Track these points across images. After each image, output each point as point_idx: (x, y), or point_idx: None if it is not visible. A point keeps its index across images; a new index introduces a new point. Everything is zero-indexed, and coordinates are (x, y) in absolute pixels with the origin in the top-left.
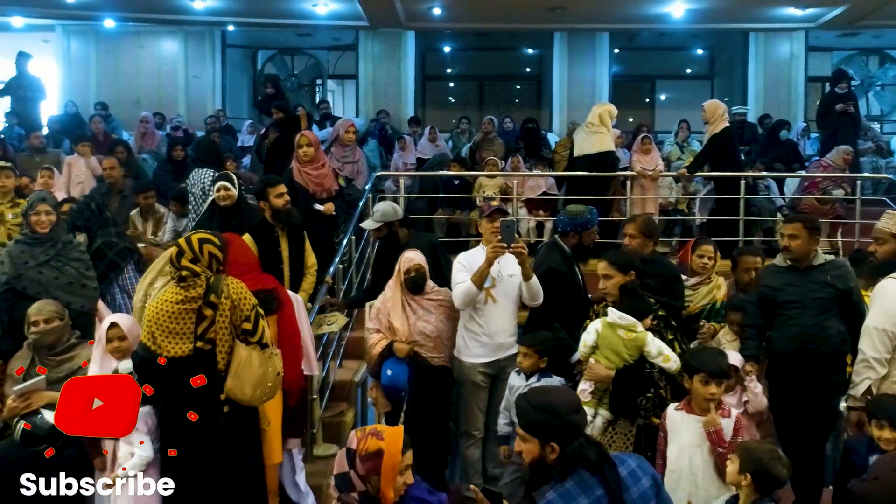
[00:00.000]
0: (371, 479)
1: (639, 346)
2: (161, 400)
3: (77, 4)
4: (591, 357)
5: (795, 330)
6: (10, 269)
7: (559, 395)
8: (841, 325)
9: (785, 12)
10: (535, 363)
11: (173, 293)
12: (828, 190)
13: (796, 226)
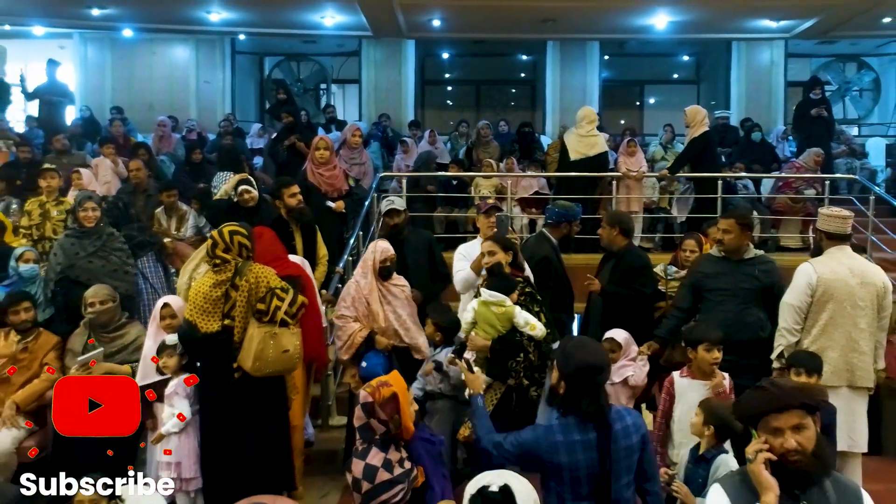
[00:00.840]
0: (393, 419)
1: (509, 318)
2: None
3: (101, 16)
4: (472, 331)
5: (720, 315)
6: (63, 260)
7: (585, 349)
8: (762, 315)
9: (761, 24)
10: (433, 332)
11: (208, 277)
12: (800, 189)
13: (730, 221)
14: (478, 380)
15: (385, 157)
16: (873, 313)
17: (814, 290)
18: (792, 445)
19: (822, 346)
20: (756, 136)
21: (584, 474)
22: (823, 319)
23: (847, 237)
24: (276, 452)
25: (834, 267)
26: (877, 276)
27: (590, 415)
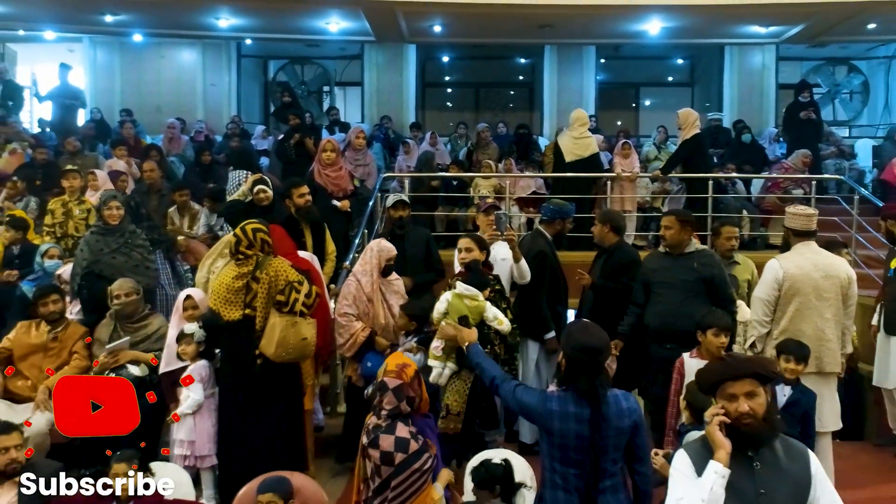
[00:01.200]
0: (418, 393)
1: (480, 312)
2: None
3: (114, 22)
4: (443, 321)
5: (662, 307)
6: (88, 256)
7: (589, 333)
8: (703, 306)
9: (751, 29)
10: (406, 324)
11: (231, 269)
12: (788, 189)
13: (670, 219)
14: (472, 332)
15: (387, 158)
16: (838, 303)
17: (780, 285)
18: (745, 409)
19: (794, 334)
20: (746, 137)
21: (572, 444)
22: (791, 311)
23: (812, 233)
24: (291, 434)
25: (799, 262)
26: (840, 268)
27: (584, 392)
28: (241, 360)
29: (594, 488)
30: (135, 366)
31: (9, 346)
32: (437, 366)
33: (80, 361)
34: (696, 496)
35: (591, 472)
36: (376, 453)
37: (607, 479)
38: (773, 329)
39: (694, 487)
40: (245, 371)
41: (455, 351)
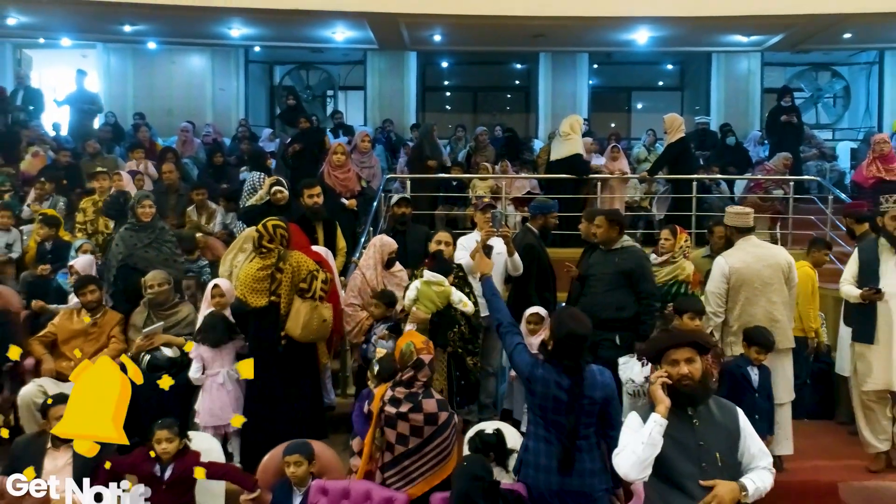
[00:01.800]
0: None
1: (447, 296)
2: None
3: (132, 32)
4: (414, 306)
5: (590, 297)
6: (123, 250)
7: (576, 321)
8: (625, 297)
9: (734, 38)
10: (383, 311)
11: (256, 262)
12: (769, 189)
13: (601, 219)
14: (489, 263)
15: (389, 160)
16: (783, 288)
17: (728, 278)
18: (685, 372)
19: (744, 322)
20: (731, 140)
21: (551, 406)
22: (742, 300)
23: (751, 229)
24: (310, 407)
25: (742, 256)
26: (779, 256)
27: (567, 368)
28: (268, 341)
29: (572, 445)
30: (168, 348)
31: (53, 330)
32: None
33: (118, 345)
34: (638, 440)
35: (570, 432)
36: (419, 416)
37: (582, 439)
38: (729, 318)
39: (637, 435)
40: (270, 351)
41: (427, 333)
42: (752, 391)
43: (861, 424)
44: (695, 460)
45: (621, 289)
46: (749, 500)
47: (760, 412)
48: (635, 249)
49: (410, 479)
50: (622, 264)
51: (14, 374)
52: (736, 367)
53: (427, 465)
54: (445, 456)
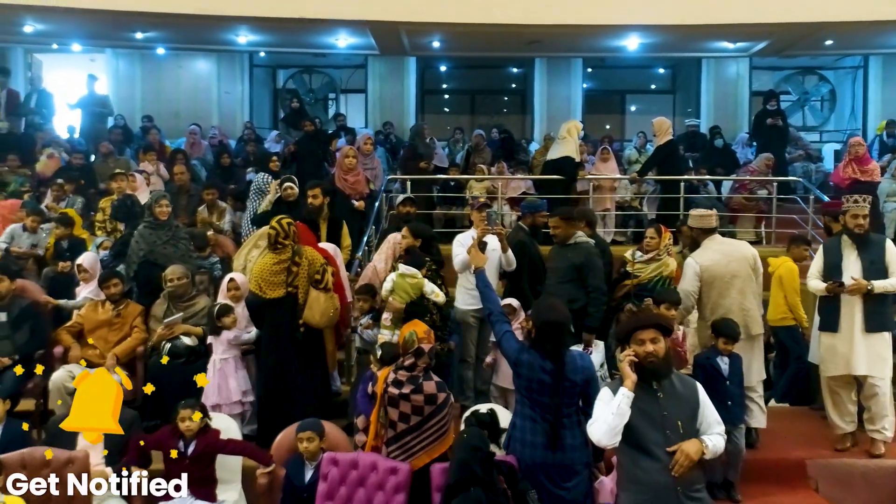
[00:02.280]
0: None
1: (420, 287)
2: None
3: (143, 38)
4: (390, 297)
5: (546, 289)
6: (144, 247)
7: (554, 310)
8: (576, 290)
9: (721, 44)
10: (369, 303)
11: (272, 258)
12: (753, 190)
13: (555, 219)
14: (482, 257)
15: (389, 162)
16: (750, 278)
17: (700, 276)
18: (650, 350)
19: (719, 314)
20: (718, 142)
21: (536, 388)
22: (714, 295)
23: (714, 229)
24: (320, 390)
25: (709, 255)
26: (744, 250)
27: (548, 352)
28: (285, 328)
29: (556, 423)
30: (187, 337)
31: (80, 321)
32: (387, 334)
33: (140, 334)
34: (608, 411)
35: (554, 411)
36: (419, 397)
37: (565, 417)
38: (704, 312)
39: (608, 406)
40: (287, 338)
41: (401, 322)
42: (722, 379)
43: (829, 408)
44: (659, 428)
45: (573, 282)
46: (707, 456)
47: (733, 398)
48: (587, 245)
49: (412, 453)
50: (573, 259)
51: (45, 361)
52: (705, 359)
53: (427, 440)
54: (444, 432)
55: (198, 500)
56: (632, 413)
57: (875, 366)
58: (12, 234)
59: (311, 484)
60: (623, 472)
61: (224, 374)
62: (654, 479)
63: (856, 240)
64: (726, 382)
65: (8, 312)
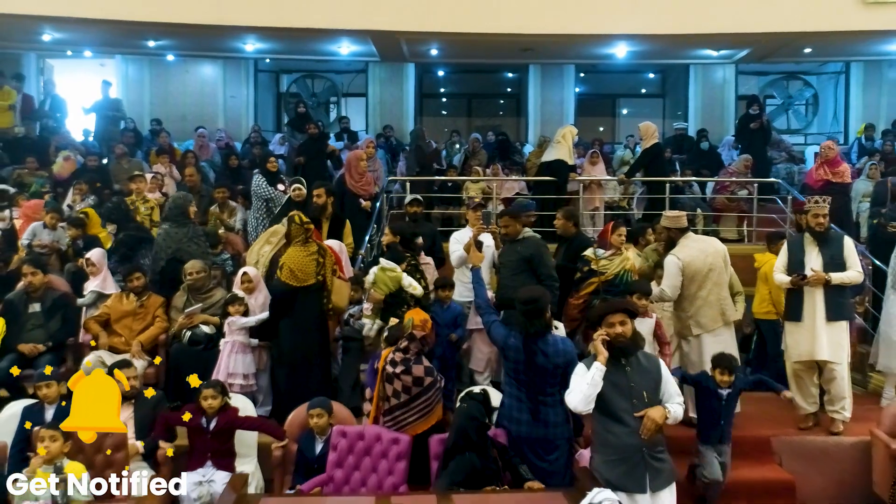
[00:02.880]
0: (432, 340)
1: (398, 280)
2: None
3: (155, 46)
4: (371, 289)
5: (500, 281)
6: (172, 244)
7: (528, 290)
8: (527, 280)
9: (705, 52)
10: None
11: (303, 250)
12: (734, 191)
13: (505, 219)
14: (479, 256)
15: (389, 163)
16: (723, 271)
17: (683, 271)
18: (619, 331)
19: (701, 304)
20: (704, 145)
21: (522, 368)
22: (694, 287)
23: (687, 228)
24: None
25: (688, 252)
26: (717, 245)
27: (530, 335)
28: (312, 313)
29: (536, 401)
30: (205, 326)
31: (106, 311)
32: (368, 323)
33: (162, 323)
34: (584, 382)
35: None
36: (409, 378)
37: (548, 396)
38: (685, 304)
39: (583, 378)
40: (312, 321)
41: (381, 311)
42: (717, 399)
43: (793, 390)
44: (627, 398)
45: (524, 273)
46: (669, 421)
47: (726, 419)
48: (534, 239)
49: (401, 426)
50: (523, 252)
51: (75, 348)
52: (704, 378)
53: (414, 416)
54: (429, 410)
55: (219, 471)
56: (604, 384)
57: (835, 352)
58: (34, 231)
59: (321, 456)
60: (596, 437)
61: (234, 355)
62: (624, 442)
63: (816, 237)
64: (721, 403)
65: (41, 303)
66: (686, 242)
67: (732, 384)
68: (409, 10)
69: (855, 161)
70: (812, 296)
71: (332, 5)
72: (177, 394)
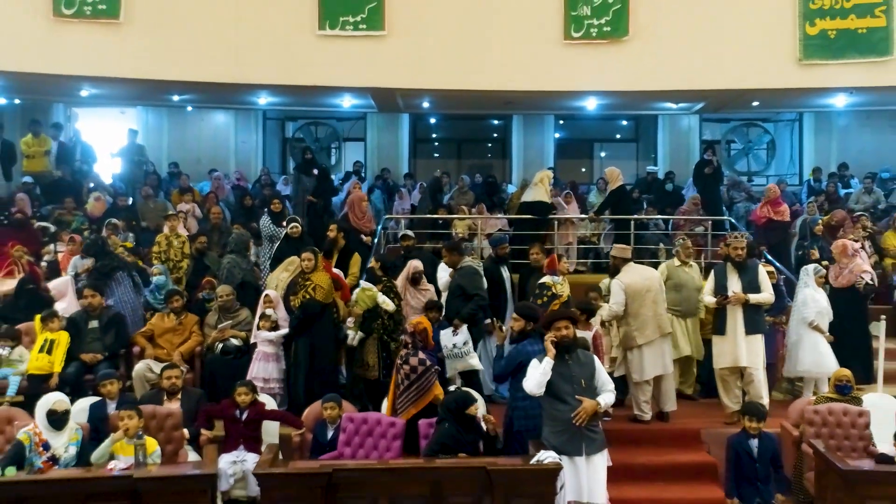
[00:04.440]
0: (427, 340)
1: (374, 298)
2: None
3: (179, 101)
4: (353, 306)
5: (446, 304)
6: (240, 272)
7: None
8: (460, 303)
9: (665, 105)
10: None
11: (324, 276)
12: (691, 228)
13: (445, 252)
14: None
15: (386, 202)
16: (659, 291)
17: (626, 293)
18: (563, 333)
19: (642, 321)
20: (668, 186)
21: None
22: (636, 305)
23: (629, 259)
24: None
25: (630, 276)
26: (653, 272)
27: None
28: (328, 326)
29: None
30: (234, 339)
31: (151, 328)
32: (351, 333)
33: (197, 337)
34: (537, 372)
35: None
36: (407, 367)
37: None
38: (629, 319)
39: (536, 369)
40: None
41: (362, 323)
42: (752, 461)
43: (720, 392)
44: (570, 384)
45: (460, 297)
46: (601, 409)
47: (763, 479)
48: (467, 268)
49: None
50: (458, 280)
51: (127, 357)
52: (737, 443)
53: (410, 399)
54: (419, 397)
55: (249, 453)
56: (552, 374)
57: (752, 359)
58: (75, 264)
59: (332, 440)
60: (545, 413)
61: (259, 363)
62: (566, 417)
63: (736, 265)
64: (756, 465)
65: (99, 320)
66: (628, 269)
67: (762, 441)
68: (404, 70)
69: (804, 200)
70: (734, 313)
71: (337, 65)
72: (211, 395)
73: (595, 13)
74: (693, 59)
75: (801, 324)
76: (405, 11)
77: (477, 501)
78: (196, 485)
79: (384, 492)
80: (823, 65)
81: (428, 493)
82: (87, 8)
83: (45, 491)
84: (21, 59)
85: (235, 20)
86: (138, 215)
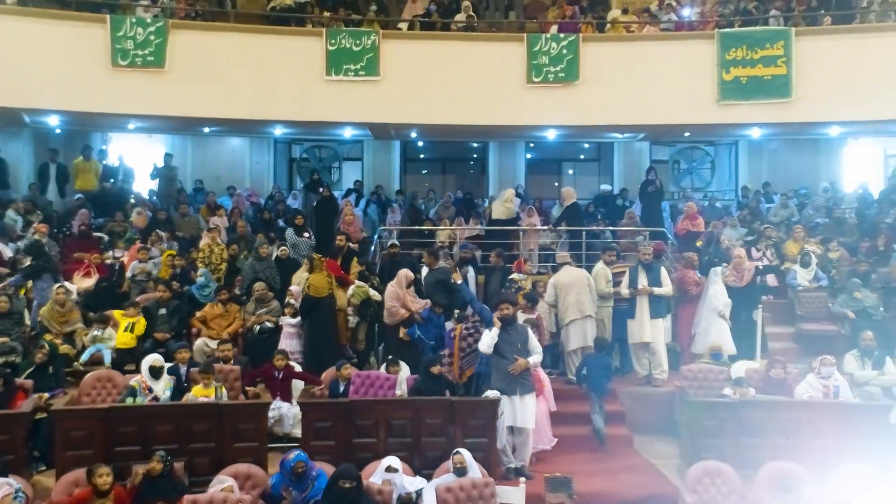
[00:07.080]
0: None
1: (366, 292)
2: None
3: (209, 132)
4: (351, 298)
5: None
6: (258, 272)
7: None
8: (441, 294)
9: (613, 135)
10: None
11: (322, 276)
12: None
13: (424, 254)
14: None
15: (380, 215)
16: (584, 287)
17: (555, 287)
18: (505, 312)
19: (566, 306)
20: (619, 202)
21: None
22: (562, 295)
23: (568, 262)
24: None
25: (562, 276)
26: (581, 272)
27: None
28: (327, 313)
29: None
30: (268, 322)
31: (203, 314)
32: (352, 319)
33: (239, 321)
34: (488, 336)
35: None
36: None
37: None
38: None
39: (488, 336)
40: (329, 317)
41: (357, 311)
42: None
43: (634, 361)
44: (510, 346)
45: (440, 291)
46: (531, 366)
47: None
48: (444, 269)
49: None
50: (438, 276)
51: (188, 336)
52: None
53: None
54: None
55: (283, 402)
56: (498, 339)
57: (655, 336)
58: (133, 269)
59: (343, 392)
60: (493, 366)
61: (289, 339)
62: (506, 368)
63: (644, 266)
64: None
65: (167, 308)
66: (562, 270)
67: None
68: (396, 107)
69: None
70: (642, 301)
71: (340, 104)
72: (252, 363)
73: (552, 62)
74: (631, 99)
75: (712, 312)
76: (397, 61)
77: (444, 422)
78: (257, 409)
79: (383, 416)
80: (737, 105)
81: (411, 416)
82: (139, 59)
83: (163, 412)
84: (85, 100)
85: (258, 69)
86: (175, 227)
